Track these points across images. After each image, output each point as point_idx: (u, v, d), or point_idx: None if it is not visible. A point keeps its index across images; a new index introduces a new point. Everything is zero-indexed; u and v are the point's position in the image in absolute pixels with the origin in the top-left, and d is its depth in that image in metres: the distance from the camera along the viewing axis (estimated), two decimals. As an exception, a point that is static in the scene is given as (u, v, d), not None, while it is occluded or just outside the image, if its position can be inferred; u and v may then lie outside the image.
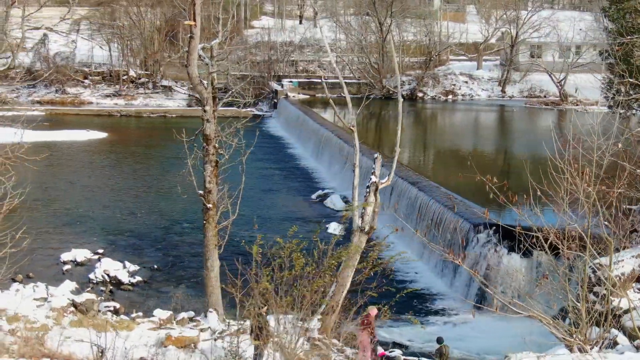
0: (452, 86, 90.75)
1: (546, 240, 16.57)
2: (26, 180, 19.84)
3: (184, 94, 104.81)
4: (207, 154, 23.87)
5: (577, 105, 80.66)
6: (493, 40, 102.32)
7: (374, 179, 23.99)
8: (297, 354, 21.25)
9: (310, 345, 22.39)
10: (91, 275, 30.72)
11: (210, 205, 23.87)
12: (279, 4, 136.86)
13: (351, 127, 23.88)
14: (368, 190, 24.00)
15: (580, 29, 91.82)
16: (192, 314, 24.90)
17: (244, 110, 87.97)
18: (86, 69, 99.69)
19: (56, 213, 40.45)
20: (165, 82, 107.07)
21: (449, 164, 49.62)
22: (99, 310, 24.05)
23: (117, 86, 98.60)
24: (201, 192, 23.99)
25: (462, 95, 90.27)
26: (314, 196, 46.62)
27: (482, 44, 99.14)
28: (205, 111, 23.69)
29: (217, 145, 24.02)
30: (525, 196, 17.61)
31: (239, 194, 24.21)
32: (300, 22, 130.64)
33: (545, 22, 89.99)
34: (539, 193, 16.98)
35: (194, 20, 23.19)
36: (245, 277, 18.66)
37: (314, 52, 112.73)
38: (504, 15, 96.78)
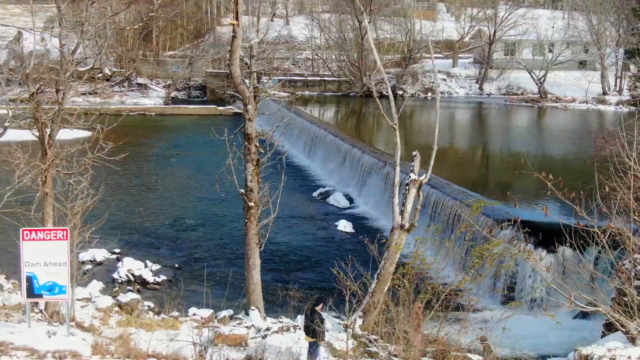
0: (431, 84, 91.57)
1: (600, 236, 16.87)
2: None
3: (160, 91, 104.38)
4: (248, 152, 23.90)
5: (556, 102, 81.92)
6: (466, 39, 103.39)
7: (413, 176, 24.13)
8: (345, 351, 21.56)
9: (357, 342, 22.58)
10: (115, 275, 30.55)
11: (252, 204, 23.92)
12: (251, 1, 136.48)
13: (393, 126, 24.04)
14: (407, 187, 24.15)
15: (553, 27, 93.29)
16: (230, 312, 24.94)
17: (222, 108, 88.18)
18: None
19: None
20: (140, 80, 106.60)
21: (461, 162, 50.10)
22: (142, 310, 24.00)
23: (91, 84, 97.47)
24: (242, 190, 24.03)
25: (441, 92, 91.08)
26: (315, 194, 46.74)
27: (458, 41, 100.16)
28: (247, 110, 23.71)
29: (258, 144, 24.09)
30: (581, 192, 17.88)
31: (278, 192, 24.31)
32: (272, 20, 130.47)
33: (520, 20, 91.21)
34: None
35: (237, 19, 23.22)
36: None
37: (286, 49, 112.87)
38: (479, 14, 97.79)
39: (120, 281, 30.12)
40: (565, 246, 20.45)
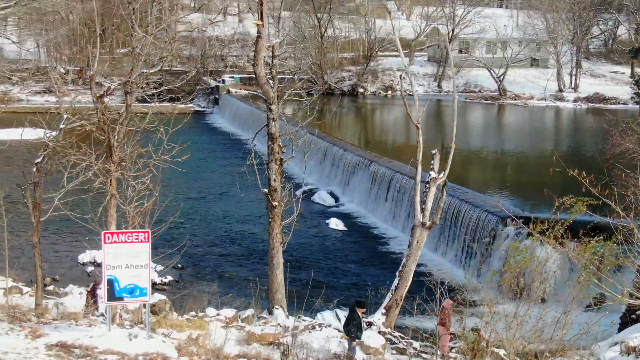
0: (391, 82, 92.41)
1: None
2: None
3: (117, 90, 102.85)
4: (272, 152, 24.04)
5: (515, 99, 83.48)
6: (422, 37, 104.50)
7: (433, 174, 24.52)
8: (377, 349, 21.87)
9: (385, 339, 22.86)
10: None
11: (275, 203, 24.05)
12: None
13: (417, 125, 24.37)
14: (428, 186, 24.51)
15: (504, 25, 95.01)
16: (252, 311, 25.01)
17: (182, 106, 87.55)
18: (14, 66, 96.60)
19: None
20: (95, 79, 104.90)
21: (467, 161, 50.55)
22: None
23: (46, 83, 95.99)
24: (266, 190, 24.15)
25: (400, 90, 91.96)
26: (298, 192, 46.77)
27: (414, 40, 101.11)
28: (270, 110, 23.83)
29: (281, 144, 24.22)
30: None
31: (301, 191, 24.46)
32: (225, 18, 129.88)
33: (475, 18, 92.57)
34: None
35: (262, 19, 23.31)
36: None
37: (240, 47, 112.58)
38: (435, 12, 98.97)
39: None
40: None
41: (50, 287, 28.28)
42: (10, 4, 19.45)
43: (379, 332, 23.82)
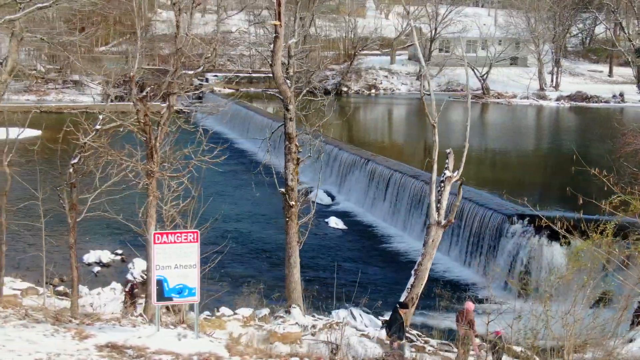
0: (374, 80, 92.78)
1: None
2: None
3: (96, 88, 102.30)
4: (289, 152, 24.14)
5: (498, 98, 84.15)
6: (403, 36, 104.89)
7: (447, 173, 24.73)
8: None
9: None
10: (128, 276, 30.11)
11: (292, 203, 24.17)
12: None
13: (433, 124, 24.56)
14: (443, 184, 24.71)
15: (484, 24, 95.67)
16: (267, 310, 25.11)
17: (164, 105, 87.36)
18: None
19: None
20: (75, 77, 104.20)
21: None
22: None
23: (26, 82, 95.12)
24: (282, 189, 24.25)
25: (384, 89, 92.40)
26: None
27: (395, 39, 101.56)
28: (288, 110, 23.92)
29: (298, 143, 24.33)
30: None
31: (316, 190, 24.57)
32: (203, 16, 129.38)
33: (456, 17, 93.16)
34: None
35: (279, 20, 23.37)
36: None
37: (220, 46, 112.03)
38: (417, 11, 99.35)
39: (135, 282, 29.70)
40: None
41: (60, 288, 28.14)
42: (49, 2, 19.29)
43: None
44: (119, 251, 33.17)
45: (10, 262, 29.25)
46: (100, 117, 16.66)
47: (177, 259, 14.19)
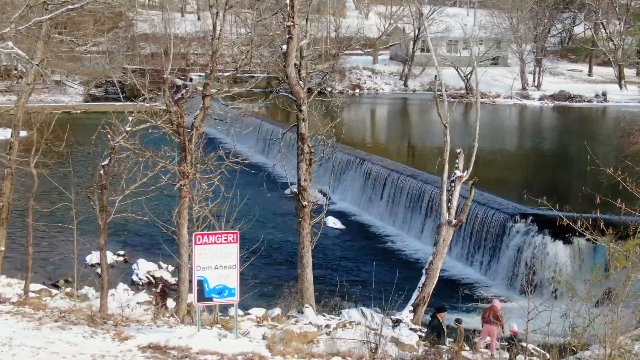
0: (358, 80, 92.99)
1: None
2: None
3: (76, 88, 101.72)
4: (301, 152, 24.23)
5: (482, 98, 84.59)
6: (385, 36, 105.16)
7: (458, 173, 24.99)
8: (412, 345, 22.21)
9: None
10: (134, 277, 30.14)
11: (305, 203, 24.29)
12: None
13: (445, 123, 24.79)
14: (453, 184, 24.96)
15: (466, 24, 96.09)
16: (279, 310, 25.19)
17: (148, 104, 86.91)
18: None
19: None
20: (56, 77, 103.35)
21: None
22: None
23: (6, 82, 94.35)
24: (295, 189, 24.35)
25: (368, 89, 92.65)
26: (287, 191, 46.88)
27: (378, 38, 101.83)
28: (301, 110, 24.04)
29: (310, 144, 24.45)
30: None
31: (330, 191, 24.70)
32: (182, 15, 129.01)
33: (438, 17, 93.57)
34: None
35: (293, 21, 23.48)
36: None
37: (200, 45, 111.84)
38: (399, 11, 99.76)
39: (141, 283, 29.72)
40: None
41: (68, 289, 27.99)
42: (82, 3, 19.21)
43: (410, 329, 24.25)
44: (121, 252, 33.07)
45: (15, 264, 29.20)
46: (130, 118, 16.65)
47: (217, 260, 14.26)
